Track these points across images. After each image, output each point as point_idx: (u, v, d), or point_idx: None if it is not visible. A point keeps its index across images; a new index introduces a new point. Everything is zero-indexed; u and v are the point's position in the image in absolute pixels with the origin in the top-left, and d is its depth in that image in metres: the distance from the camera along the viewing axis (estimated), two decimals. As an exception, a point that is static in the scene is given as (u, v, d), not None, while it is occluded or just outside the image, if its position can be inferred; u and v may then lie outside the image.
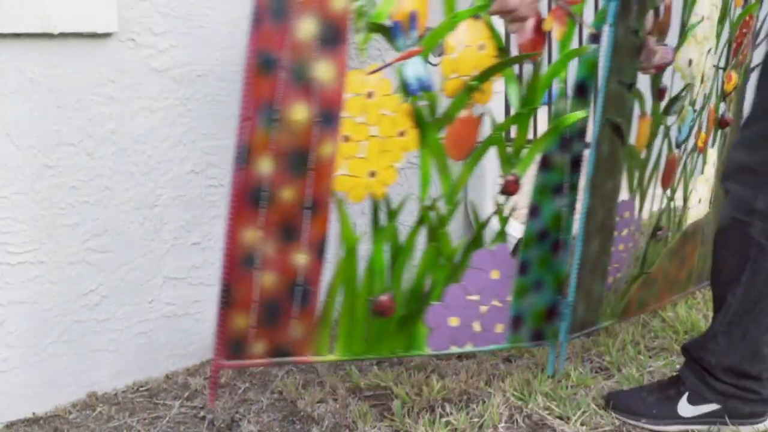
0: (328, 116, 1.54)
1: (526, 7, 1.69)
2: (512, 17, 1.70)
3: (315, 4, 1.50)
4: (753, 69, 2.50)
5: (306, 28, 1.50)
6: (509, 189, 1.79)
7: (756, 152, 1.64)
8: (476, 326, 1.82)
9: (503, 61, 1.70)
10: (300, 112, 1.52)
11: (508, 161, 1.78)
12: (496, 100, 1.83)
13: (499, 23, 1.73)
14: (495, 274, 1.81)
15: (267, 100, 1.50)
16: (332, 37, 1.52)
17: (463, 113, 1.69)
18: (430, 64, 1.63)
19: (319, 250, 1.59)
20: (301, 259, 1.59)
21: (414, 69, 1.59)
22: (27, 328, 1.87)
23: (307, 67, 1.51)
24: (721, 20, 2.23)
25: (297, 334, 1.63)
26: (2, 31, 1.74)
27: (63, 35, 1.83)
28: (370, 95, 1.58)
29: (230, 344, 1.60)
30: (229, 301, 1.57)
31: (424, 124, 1.64)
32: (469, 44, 1.66)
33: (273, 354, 1.64)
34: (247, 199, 1.53)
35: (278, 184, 1.54)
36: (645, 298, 2.23)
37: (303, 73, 1.51)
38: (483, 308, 1.82)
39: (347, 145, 1.57)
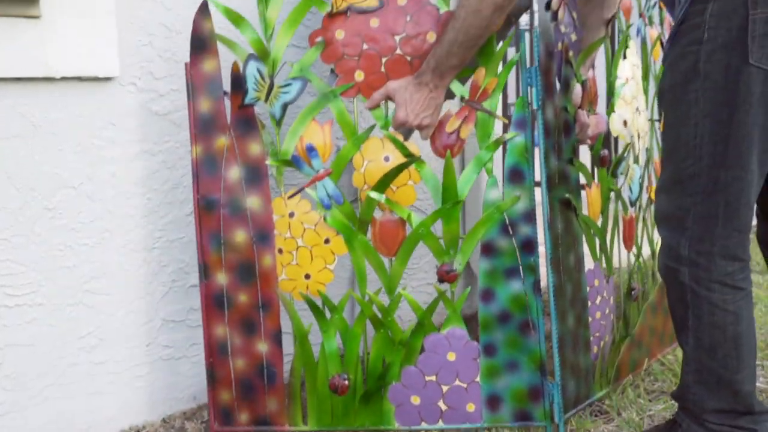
0: (263, 236, 1.89)
1: (416, 118, 1.79)
2: (407, 129, 1.81)
3: (237, 154, 1.85)
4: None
5: (233, 173, 1.87)
6: (444, 278, 1.84)
7: (671, 198, 1.65)
8: (441, 405, 1.89)
9: (392, 169, 1.81)
10: (240, 236, 1.89)
11: (441, 252, 1.83)
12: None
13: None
14: (451, 356, 1.87)
15: (214, 230, 1.89)
16: (254, 176, 1.87)
17: (384, 216, 1.86)
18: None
19: (276, 339, 1.91)
20: (263, 347, 1.91)
21: (325, 188, 1.84)
22: (24, 371, 1.88)
23: (240, 201, 1.88)
24: (645, 77, 2.31)
25: (272, 407, 1.93)
26: (5, 75, 1.80)
27: (65, 79, 1.89)
28: (292, 215, 1.87)
29: (221, 413, 1.95)
30: (214, 379, 1.93)
31: (345, 230, 1.85)
32: (373, 159, 1.84)
33: (256, 423, 1.95)
34: (214, 303, 1.91)
35: (234, 291, 1.90)
36: (636, 358, 2.23)
37: (238, 206, 1.88)
38: (444, 387, 1.88)
39: (282, 256, 1.89)
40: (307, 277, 1.88)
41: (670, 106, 1.64)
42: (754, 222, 1.79)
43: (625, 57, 2.20)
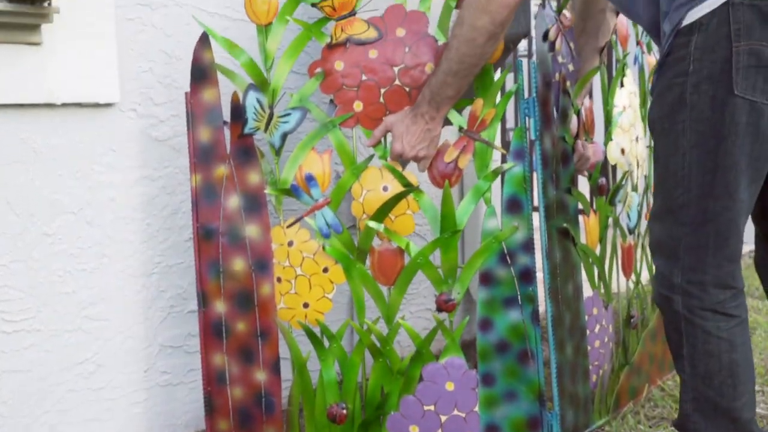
0: (262, 264, 1.89)
1: (412, 149, 1.80)
2: (404, 161, 1.82)
3: (236, 183, 1.86)
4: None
5: (233, 202, 1.87)
6: (443, 308, 1.84)
7: (664, 227, 1.66)
8: (441, 433, 1.89)
9: (391, 199, 1.81)
10: (239, 265, 1.89)
11: (440, 281, 1.84)
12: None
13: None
14: (450, 386, 1.86)
15: (213, 259, 1.89)
16: (253, 205, 1.88)
17: (383, 245, 1.86)
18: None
19: (274, 368, 1.91)
20: (261, 376, 1.91)
21: (324, 218, 1.85)
22: (21, 398, 1.87)
23: (239, 230, 1.88)
24: (643, 104, 2.32)
25: (271, 436, 1.93)
26: (6, 101, 1.81)
27: (65, 105, 1.90)
28: (291, 244, 1.87)
29: (220, 441, 1.92)
30: (211, 408, 1.93)
31: (344, 259, 1.85)
32: (371, 188, 1.85)
33: (255, 451, 1.93)
34: (212, 332, 1.91)
35: (233, 319, 1.90)
36: (636, 385, 2.23)
37: (237, 235, 1.88)
38: (443, 417, 1.87)
39: (280, 284, 1.89)
40: (306, 305, 1.88)
41: (659, 137, 1.66)
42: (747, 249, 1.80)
43: (622, 85, 2.22)
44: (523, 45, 4.61)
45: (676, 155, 1.61)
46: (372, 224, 1.82)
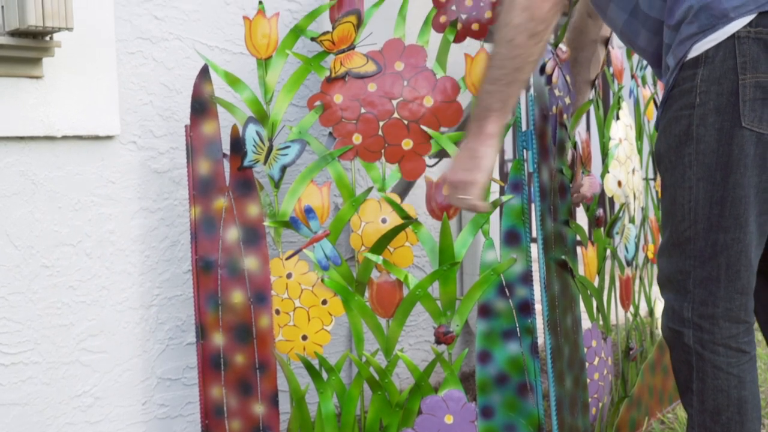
0: (260, 296, 1.89)
1: (454, 173, 1.66)
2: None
3: (235, 215, 1.87)
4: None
5: (232, 234, 1.88)
6: (441, 340, 1.84)
7: (672, 261, 1.65)
8: (440, 468, 1.87)
9: (390, 231, 1.81)
10: (237, 297, 1.90)
11: (439, 314, 1.84)
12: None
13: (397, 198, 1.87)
14: (449, 419, 1.85)
15: (212, 291, 1.90)
16: (252, 237, 1.89)
17: (381, 278, 1.86)
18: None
19: (272, 401, 1.91)
20: (259, 409, 1.91)
21: (323, 250, 1.85)
22: (19, 431, 1.85)
23: (238, 262, 1.89)
24: (639, 137, 2.34)
25: (269, 468, 1.92)
26: (7, 134, 1.81)
27: (66, 138, 1.91)
28: (289, 276, 1.87)
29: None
30: None
31: (343, 291, 1.85)
32: (370, 220, 1.85)
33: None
34: (210, 364, 1.91)
35: (231, 351, 1.91)
36: (635, 418, 2.22)
37: (235, 267, 1.89)
38: None
39: (279, 317, 1.89)
40: (305, 338, 1.88)
41: (667, 170, 1.66)
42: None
43: (618, 118, 2.24)
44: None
45: (683, 188, 1.60)
46: (371, 256, 1.83)
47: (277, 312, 1.88)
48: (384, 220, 1.85)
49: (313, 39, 1.87)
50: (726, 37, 1.52)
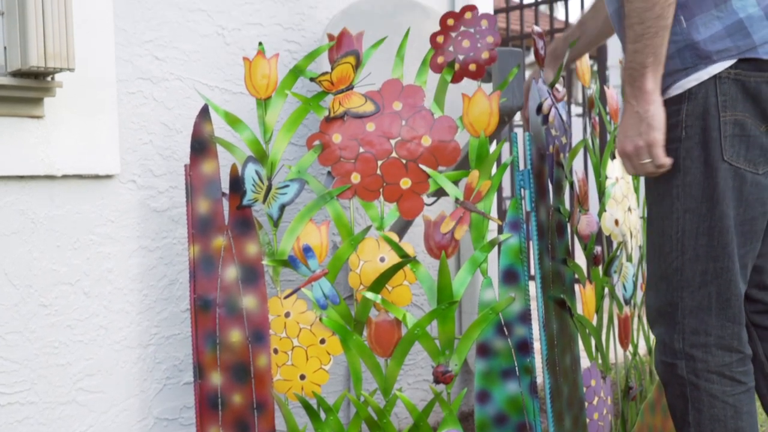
0: (258, 335, 1.89)
1: (629, 141, 1.64)
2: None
3: (234, 254, 1.88)
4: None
5: (230, 273, 1.88)
6: (440, 379, 1.83)
7: (659, 294, 1.67)
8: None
9: (388, 270, 1.81)
10: (236, 336, 1.89)
11: (437, 353, 1.83)
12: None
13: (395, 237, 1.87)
14: None
15: (210, 330, 1.89)
16: (251, 275, 1.89)
17: (380, 317, 1.86)
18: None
19: None
20: None
21: (321, 289, 1.85)
22: None
23: (236, 301, 1.89)
24: (635, 176, 2.35)
25: None
26: (8, 173, 1.82)
27: (66, 177, 1.91)
28: (288, 315, 1.87)
29: None
30: None
31: (341, 330, 1.84)
32: (368, 259, 1.85)
33: None
34: (208, 404, 1.90)
35: (229, 391, 1.89)
36: (636, 459, 2.20)
37: (234, 306, 1.89)
38: None
39: (277, 356, 1.88)
40: (303, 377, 1.87)
41: (654, 202, 1.70)
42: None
43: (614, 157, 2.25)
44: (518, 115, 4.68)
45: (670, 219, 1.65)
46: (369, 295, 1.83)
47: (275, 351, 1.88)
48: (382, 259, 1.85)
49: (312, 79, 1.89)
50: (708, 77, 1.59)
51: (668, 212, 1.65)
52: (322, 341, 1.86)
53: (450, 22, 1.91)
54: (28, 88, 1.78)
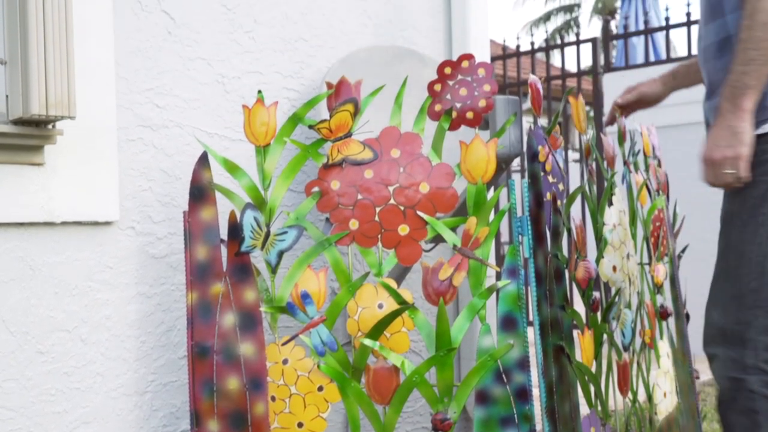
0: (256, 383, 1.87)
1: (717, 150, 1.82)
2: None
3: (232, 301, 1.88)
4: (680, 256, 2.62)
5: (228, 320, 1.89)
6: (439, 427, 1.81)
7: (728, 313, 1.76)
8: None
9: (386, 316, 1.81)
10: (233, 383, 1.87)
11: (436, 400, 1.82)
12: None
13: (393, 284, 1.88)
14: None
15: (207, 377, 1.88)
16: (249, 322, 1.89)
17: (378, 364, 1.86)
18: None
19: None
20: None
21: (319, 335, 1.85)
22: None
23: (233, 348, 1.88)
24: (632, 222, 2.37)
25: None
26: (7, 220, 1.81)
27: (65, 223, 1.91)
28: (285, 362, 1.87)
29: None
30: None
31: (339, 378, 1.84)
32: (367, 306, 1.86)
33: None
34: None
35: None
36: None
37: (231, 353, 1.88)
38: None
39: (274, 403, 1.87)
40: (300, 425, 1.86)
41: (736, 227, 1.84)
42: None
43: (611, 204, 2.27)
44: (516, 160, 4.72)
45: (753, 244, 1.79)
46: (367, 342, 1.82)
47: (273, 398, 1.87)
48: (380, 306, 1.85)
49: (311, 127, 1.91)
50: None
51: (751, 238, 1.79)
52: (320, 388, 1.85)
53: (447, 70, 1.93)
54: (29, 135, 1.80)
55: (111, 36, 1.98)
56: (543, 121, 2.07)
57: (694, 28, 5.07)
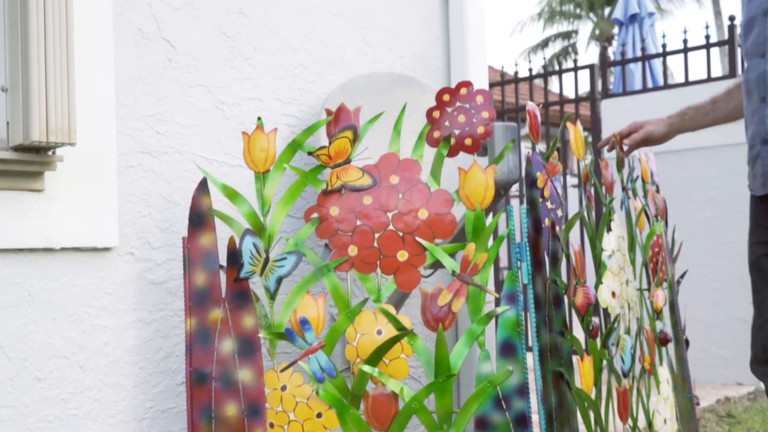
0: (254, 409, 1.87)
1: None
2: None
3: (230, 327, 1.88)
4: (679, 281, 2.62)
5: (227, 346, 1.88)
6: None
7: None
8: None
9: (385, 342, 1.81)
10: (231, 410, 1.87)
11: (435, 427, 1.81)
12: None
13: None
14: None
15: (206, 404, 1.88)
16: (247, 349, 1.88)
17: (377, 390, 1.85)
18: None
19: None
20: None
21: (318, 362, 1.84)
22: None
23: (232, 375, 1.88)
24: (631, 248, 2.37)
25: None
26: (6, 246, 1.81)
27: (64, 250, 1.90)
28: (284, 388, 1.86)
29: None
30: None
31: (338, 404, 1.83)
32: (365, 332, 1.86)
33: None
34: None
35: None
36: None
37: (230, 380, 1.88)
38: None
39: (273, 430, 1.86)
40: (299, 453, 1.85)
41: None
42: None
43: (609, 229, 2.27)
44: (515, 186, 4.73)
45: None
46: (366, 368, 1.82)
47: (272, 425, 1.86)
48: (379, 332, 1.85)
49: (310, 153, 1.92)
50: None
51: None
52: (319, 415, 1.84)
53: (446, 97, 1.95)
54: (29, 162, 1.80)
55: (112, 63, 1.99)
56: (541, 147, 2.08)
57: (691, 55, 5.11)
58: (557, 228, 2.03)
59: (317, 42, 2.43)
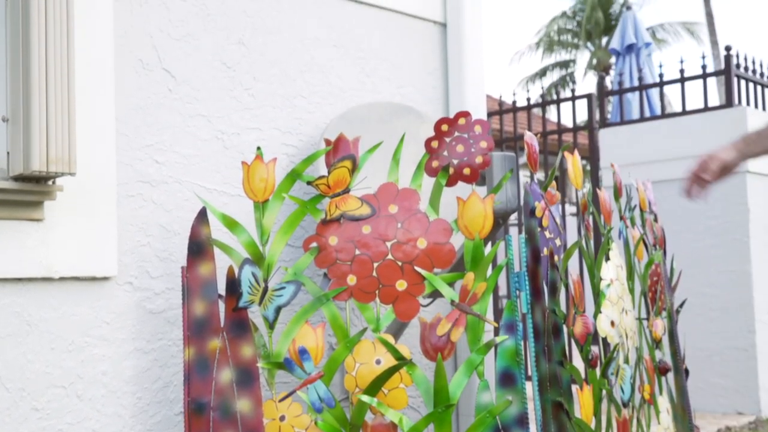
0: (253, 438, 1.84)
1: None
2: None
3: (229, 356, 1.87)
4: (678, 310, 2.61)
5: (225, 376, 1.85)
6: None
7: None
8: None
9: (384, 372, 1.80)
10: (230, 439, 1.85)
11: None
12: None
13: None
14: None
15: (204, 434, 1.86)
16: (246, 378, 1.87)
17: (376, 420, 1.84)
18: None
19: None
20: None
21: (316, 391, 1.83)
22: None
23: (230, 404, 1.86)
24: (630, 277, 2.37)
25: None
26: (5, 276, 1.80)
27: (63, 279, 1.89)
28: (282, 418, 1.84)
29: None
30: None
31: None
32: (364, 361, 1.85)
33: None
34: None
35: None
36: None
37: (228, 410, 1.87)
38: None
39: (274, 457, 1.84)
40: (298, 479, 1.83)
41: None
42: None
43: (608, 258, 2.27)
44: (513, 215, 4.73)
45: None
46: (365, 398, 1.81)
47: (270, 456, 1.85)
48: (378, 361, 1.85)
49: (309, 183, 1.93)
50: None
51: None
52: (317, 444, 1.83)
53: (444, 127, 1.96)
54: (30, 191, 1.81)
55: (112, 93, 2.00)
56: (540, 176, 2.09)
57: (688, 84, 5.14)
58: (556, 257, 2.04)
59: (316, 72, 2.45)
